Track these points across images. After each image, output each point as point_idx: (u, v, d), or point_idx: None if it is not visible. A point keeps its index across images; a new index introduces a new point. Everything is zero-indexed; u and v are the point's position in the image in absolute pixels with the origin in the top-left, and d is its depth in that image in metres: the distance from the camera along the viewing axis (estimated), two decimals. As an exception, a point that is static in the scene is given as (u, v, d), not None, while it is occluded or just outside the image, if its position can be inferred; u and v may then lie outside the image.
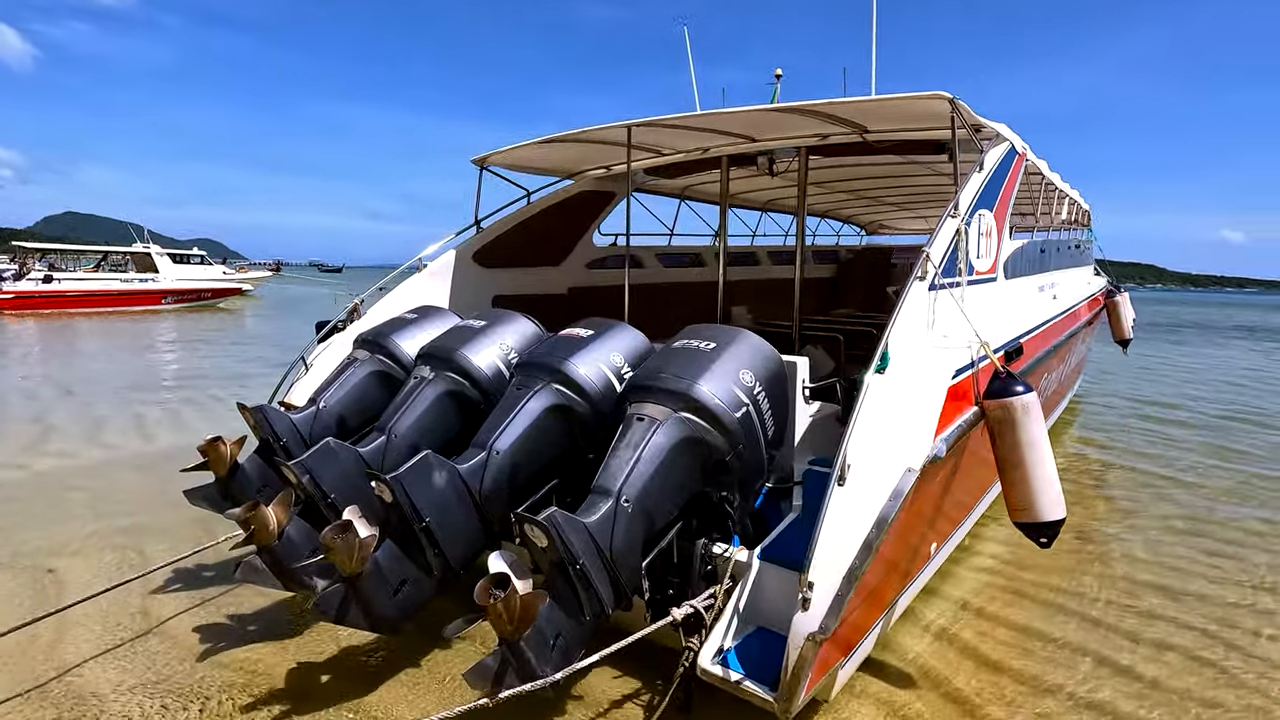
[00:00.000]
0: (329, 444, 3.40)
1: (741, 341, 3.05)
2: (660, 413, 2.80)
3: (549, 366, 3.32)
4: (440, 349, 3.81)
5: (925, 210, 11.47)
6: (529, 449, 3.20)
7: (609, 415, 3.32)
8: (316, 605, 2.68)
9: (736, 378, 2.89)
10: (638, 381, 2.94)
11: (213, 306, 28.19)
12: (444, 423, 3.71)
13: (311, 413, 4.00)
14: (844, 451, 2.47)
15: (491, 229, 5.99)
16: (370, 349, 4.27)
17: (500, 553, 2.42)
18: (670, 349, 3.07)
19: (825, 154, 5.72)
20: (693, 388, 2.80)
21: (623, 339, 3.55)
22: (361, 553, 2.62)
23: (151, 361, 12.98)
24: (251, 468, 3.84)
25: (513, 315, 4.07)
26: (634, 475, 2.66)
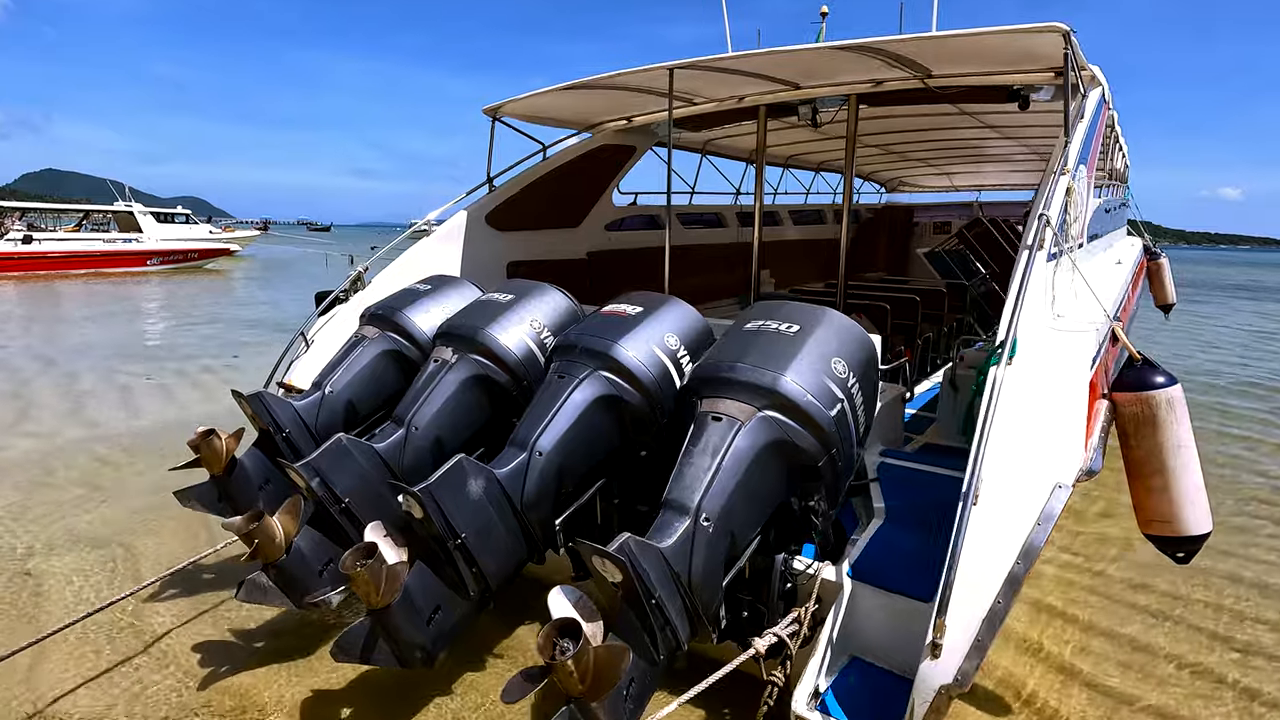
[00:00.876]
0: (341, 441, 2.94)
1: (829, 323, 2.57)
2: (741, 411, 2.35)
3: (595, 350, 2.85)
4: (462, 327, 3.33)
5: (953, 166, 10.89)
6: (577, 448, 2.75)
7: (666, 407, 2.87)
8: (336, 650, 2.26)
9: (828, 368, 2.43)
10: (710, 373, 2.47)
11: (200, 268, 27.38)
12: (470, 413, 3.25)
13: (317, 398, 3.53)
14: (976, 464, 2.02)
15: (505, 188, 5.44)
16: (380, 325, 3.78)
17: (563, 589, 2.00)
18: (743, 332, 2.59)
19: (877, 103, 5.15)
20: (779, 381, 2.34)
21: (675, 316, 3.07)
22: (390, 584, 2.19)
23: (138, 329, 12.40)
24: (251, 463, 3.38)
25: (541, 287, 3.57)
26: (714, 488, 2.22)
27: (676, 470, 2.29)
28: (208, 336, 11.53)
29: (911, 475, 3.28)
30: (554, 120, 5.75)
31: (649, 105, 5.55)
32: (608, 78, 4.43)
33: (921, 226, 11.84)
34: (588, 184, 6.18)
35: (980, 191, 12.37)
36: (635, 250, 6.86)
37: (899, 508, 2.93)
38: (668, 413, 2.89)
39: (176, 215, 30.18)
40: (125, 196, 30.05)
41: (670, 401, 2.89)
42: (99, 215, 28.62)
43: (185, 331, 12.06)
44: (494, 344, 3.24)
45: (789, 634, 2.42)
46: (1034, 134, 7.26)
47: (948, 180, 12.11)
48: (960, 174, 11.64)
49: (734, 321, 2.77)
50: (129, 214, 27.39)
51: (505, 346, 3.25)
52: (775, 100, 5.29)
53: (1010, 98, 4.46)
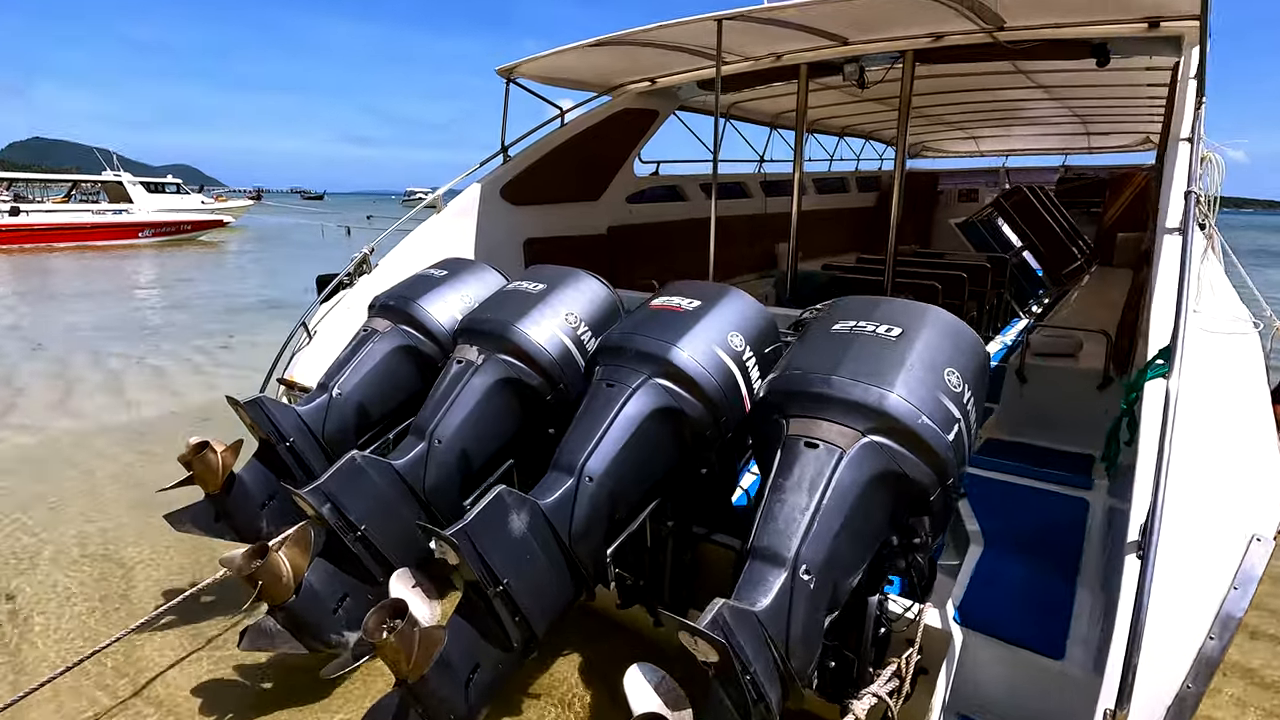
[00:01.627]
0: (355, 460, 2.55)
1: (936, 324, 2.15)
2: (842, 436, 1.94)
3: (650, 353, 2.43)
4: (489, 323, 2.91)
5: (981, 130, 10.32)
6: (630, 470, 2.36)
7: (731, 418, 2.47)
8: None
9: (941, 380, 2.02)
10: (798, 386, 2.06)
11: (193, 239, 26.74)
12: (500, 421, 2.85)
13: (323, 402, 3.14)
14: (1156, 509, 1.63)
15: (521, 158, 4.96)
16: (392, 317, 3.36)
17: (641, 669, 1.63)
18: (833, 335, 2.17)
19: (933, 60, 4.65)
20: (887, 399, 1.93)
21: (737, 311, 2.65)
22: (426, 650, 1.81)
23: (130, 306, 11.94)
24: (252, 478, 3.00)
25: (575, 275, 3.14)
26: (815, 532, 1.83)
27: (765, 510, 1.90)
28: (202, 314, 11.09)
29: (999, 488, 2.90)
30: (573, 82, 5.24)
31: (673, 64, 5.05)
32: (642, 32, 3.93)
33: (947, 194, 11.32)
34: (609, 153, 5.69)
35: (1007, 157, 11.81)
36: (658, 224, 6.40)
37: (997, 531, 2.55)
38: (733, 425, 2.49)
39: (168, 185, 29.43)
40: (114, 166, 29.27)
41: (735, 412, 2.49)
42: (88, 185, 27.89)
43: (179, 309, 11.61)
44: (525, 342, 2.82)
45: (888, 691, 2.06)
46: (1088, 94, 6.73)
47: (974, 145, 11.53)
48: (987, 138, 11.07)
49: (816, 320, 2.35)
50: (119, 184, 26.68)
51: (538, 344, 2.83)
52: (818, 58, 4.78)
53: (1095, 53, 3.96)
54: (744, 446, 2.70)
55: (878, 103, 7.51)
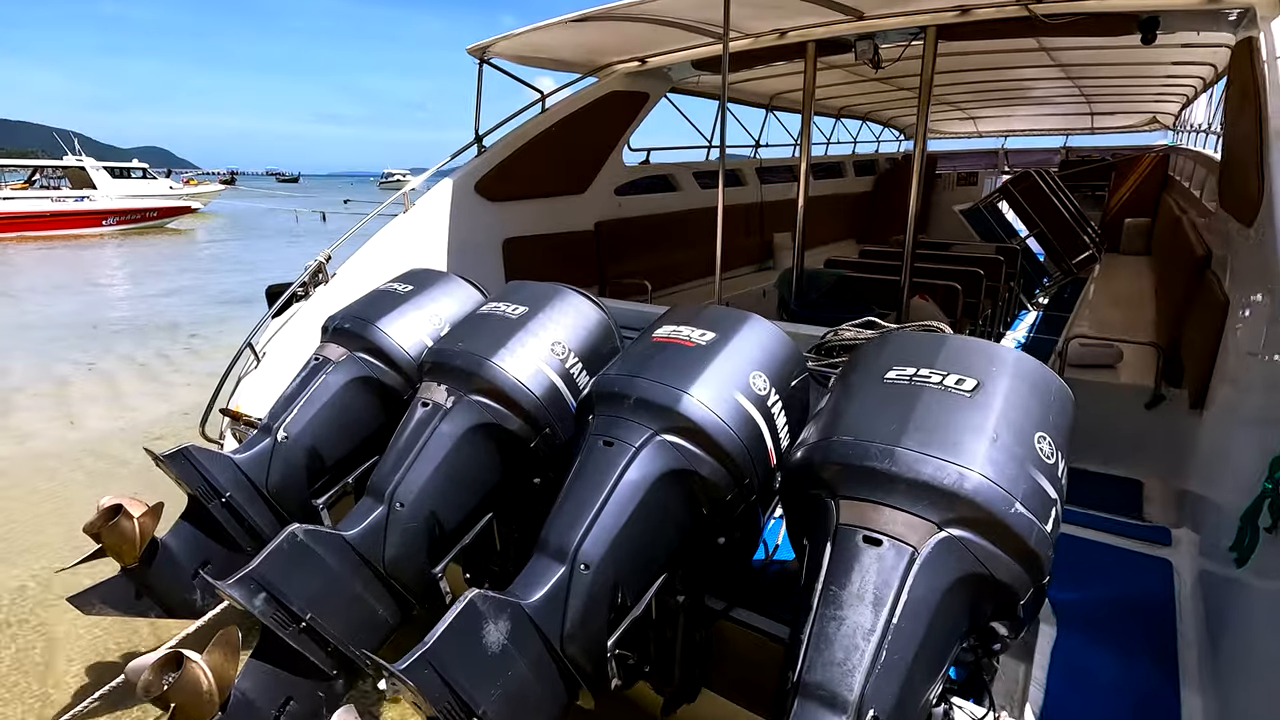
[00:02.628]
0: (295, 537, 2.09)
1: (1019, 375, 1.71)
2: (909, 529, 1.51)
3: (657, 404, 1.98)
4: (459, 357, 2.43)
5: (983, 110, 9.88)
6: (637, 551, 1.92)
7: (755, 481, 2.03)
8: None
9: (1034, 453, 1.59)
10: (852, 458, 1.62)
11: (160, 227, 25.74)
12: (475, 475, 2.40)
13: (266, 447, 2.66)
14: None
15: (497, 149, 4.44)
16: (348, 343, 2.87)
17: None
18: (887, 387, 1.73)
19: (956, 37, 4.18)
20: (967, 482, 1.49)
21: (759, 344, 2.20)
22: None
23: (86, 302, 11.25)
24: (179, 543, 2.53)
25: (562, 294, 2.66)
26: (884, 664, 1.41)
27: (816, 632, 1.47)
28: (164, 311, 10.45)
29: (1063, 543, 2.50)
30: (554, 62, 4.72)
31: (666, 42, 4.55)
32: (632, 6, 3.42)
33: (945, 178, 10.89)
34: (595, 140, 5.18)
35: (1006, 137, 11.39)
36: (649, 218, 5.91)
37: (1070, 605, 2.14)
38: (757, 485, 2.06)
39: (133, 170, 28.32)
40: (75, 150, 28.12)
41: (760, 468, 2.05)
42: (49, 171, 26.74)
43: (139, 305, 10.95)
44: (504, 380, 2.35)
45: (962, 832, 1.66)
46: (1103, 72, 6.30)
47: (972, 125, 11.10)
48: (987, 118, 10.64)
49: (861, 360, 1.91)
50: (81, 169, 25.59)
51: (519, 383, 2.36)
52: (829, 35, 4.30)
53: (1142, 28, 3.52)
54: (768, 500, 2.27)
55: (881, 82, 7.03)
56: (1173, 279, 4.17)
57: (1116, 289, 6.70)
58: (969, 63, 6.24)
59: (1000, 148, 11.41)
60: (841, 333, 2.81)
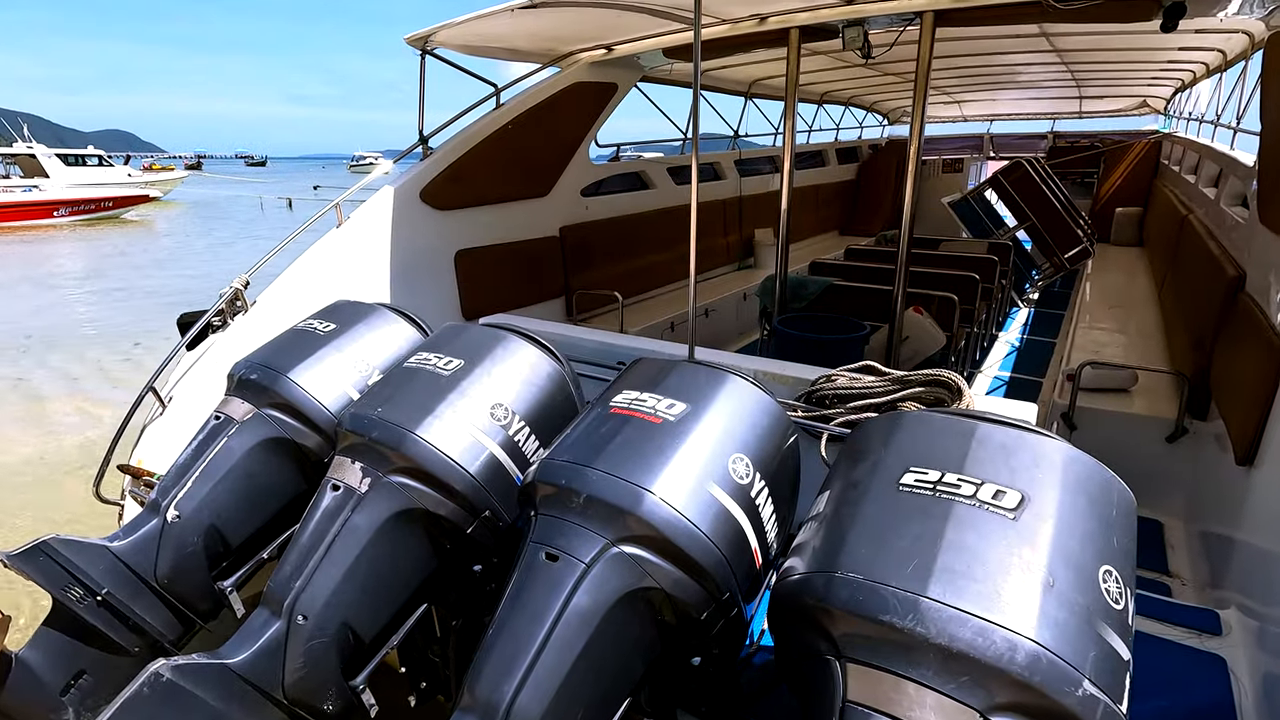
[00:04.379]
0: (159, 675, 1.65)
1: (1077, 483, 1.33)
2: (942, 713, 1.13)
3: (617, 508, 1.57)
4: (379, 427, 1.99)
5: (968, 94, 9.50)
6: (590, 691, 1.53)
7: (737, 596, 1.65)
8: None
9: (1101, 600, 1.21)
10: (863, 608, 1.22)
11: (117, 218, 24.67)
12: (399, 572, 1.98)
13: (153, 530, 2.22)
14: None
15: (445, 151, 3.96)
16: (254, 398, 2.42)
17: None
18: (904, 500, 1.34)
19: (953, 23, 3.77)
20: (1020, 651, 1.11)
21: (739, 416, 1.80)
22: None
23: (24, 306, 10.56)
24: (41, 656, 2.08)
25: (507, 342, 2.23)
26: None
27: None
28: (109, 315, 9.82)
29: None
30: (509, 51, 4.23)
31: (634, 28, 4.09)
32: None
33: (930, 164, 10.52)
34: (557, 138, 4.72)
35: (991, 122, 11.04)
36: (619, 219, 5.47)
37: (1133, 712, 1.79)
38: (740, 598, 1.67)
39: (88, 157, 27.13)
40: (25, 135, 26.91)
41: (743, 577, 1.66)
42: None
43: (82, 308, 10.30)
44: (431, 458, 1.93)
45: None
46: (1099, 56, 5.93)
47: (957, 110, 10.73)
48: (972, 102, 10.27)
49: (863, 451, 1.52)
50: (31, 157, 24.43)
51: (450, 461, 1.93)
52: (814, 20, 3.86)
53: (1168, 14, 3.13)
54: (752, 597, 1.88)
55: (867, 66, 6.61)
56: (1193, 296, 3.83)
57: (1112, 285, 6.40)
58: (959, 48, 5.85)
59: (986, 133, 11.07)
60: (836, 379, 2.42)
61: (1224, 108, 5.56)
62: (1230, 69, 5.43)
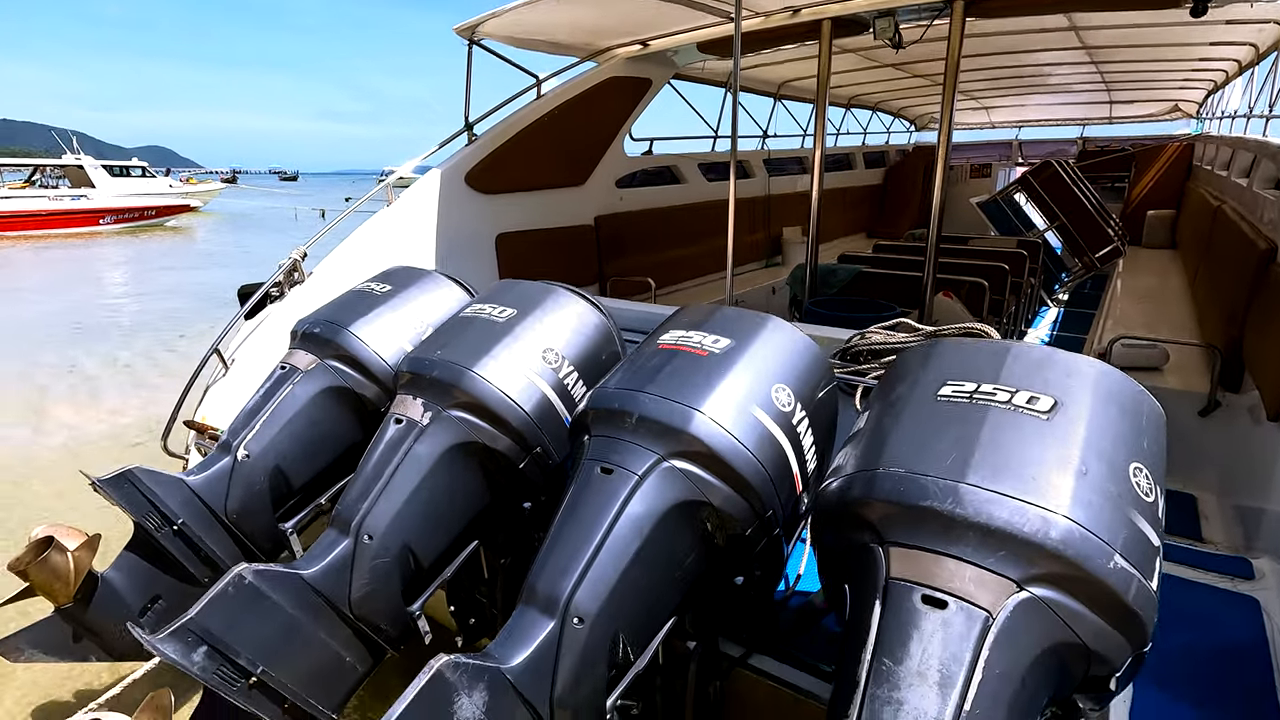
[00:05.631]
0: (243, 580, 1.79)
1: (1106, 392, 1.41)
2: (982, 589, 1.21)
3: (667, 426, 1.68)
4: (438, 367, 2.13)
5: (996, 99, 9.54)
6: (641, 597, 1.63)
7: (779, 514, 1.74)
8: None
9: (1133, 492, 1.28)
10: (907, 498, 1.32)
11: (159, 226, 25.52)
12: (456, 502, 2.10)
13: (225, 467, 2.38)
14: None
15: (490, 137, 4.14)
16: (318, 350, 2.58)
17: None
18: (941, 406, 1.43)
19: (986, 15, 3.87)
20: (1053, 530, 1.19)
21: (781, 352, 1.90)
22: None
23: (73, 302, 10.99)
24: (123, 577, 2.24)
25: (556, 295, 2.36)
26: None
27: (869, 713, 1.17)
28: (154, 311, 10.19)
29: None
30: (550, 44, 4.41)
31: (669, 22, 4.24)
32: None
33: (958, 169, 10.55)
34: (594, 129, 4.88)
35: (1020, 128, 11.05)
36: (652, 211, 5.61)
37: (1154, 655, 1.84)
38: (782, 517, 1.76)
39: (132, 168, 28.10)
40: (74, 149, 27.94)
41: (786, 498, 1.75)
42: (49, 170, 26.59)
43: (129, 305, 10.70)
44: (488, 394, 2.06)
45: None
46: (1131, 54, 5.97)
47: (985, 116, 10.76)
48: (1000, 108, 10.30)
49: (905, 369, 1.61)
50: (79, 168, 25.38)
51: (506, 397, 2.07)
52: (845, 12, 3.99)
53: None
54: (792, 530, 1.97)
55: (895, 68, 6.71)
56: (1225, 274, 3.85)
57: (1144, 284, 6.37)
58: (988, 45, 5.93)
59: (1014, 139, 11.07)
60: (870, 336, 2.51)
61: (1256, 100, 5.56)
62: (1262, 62, 5.44)
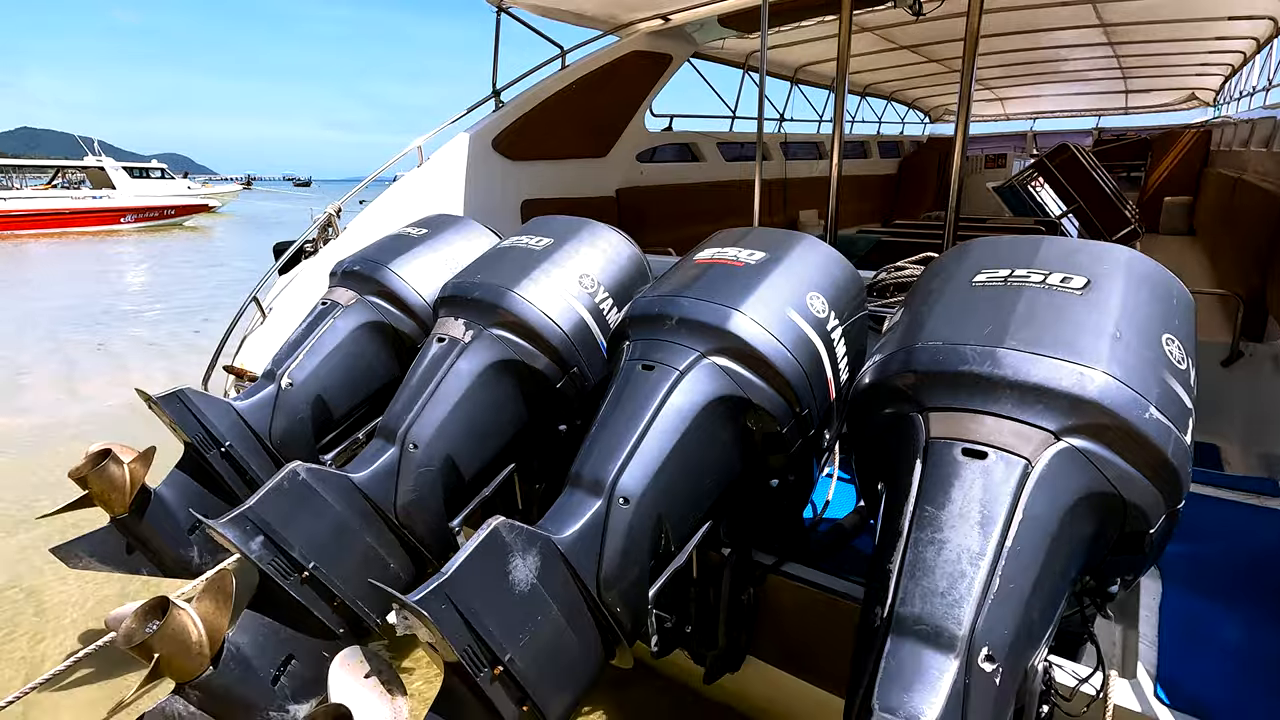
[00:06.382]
0: (297, 475, 1.87)
1: (1135, 272, 1.47)
2: (1020, 439, 1.26)
3: (702, 323, 1.75)
4: (479, 289, 2.21)
5: (1011, 90, 9.56)
6: (682, 485, 1.69)
7: (814, 413, 1.80)
8: None
9: (1165, 358, 1.34)
10: (942, 364, 1.37)
11: (178, 225, 25.90)
12: (496, 417, 2.17)
13: (269, 394, 2.45)
14: None
15: (515, 105, 4.23)
16: (358, 286, 2.67)
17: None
18: (978, 290, 1.48)
19: None
20: (1090, 383, 1.25)
21: (816, 265, 1.96)
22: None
23: (99, 290, 11.20)
24: (174, 494, 2.32)
25: (590, 227, 2.44)
26: (997, 596, 1.16)
27: (912, 559, 1.22)
28: (175, 300, 10.36)
29: None
30: (575, 15, 4.50)
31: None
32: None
33: (974, 159, 10.57)
34: (617, 102, 4.96)
35: (1035, 120, 11.06)
36: (672, 187, 5.68)
37: (1175, 559, 1.88)
38: (816, 420, 1.82)
39: (151, 170, 28.53)
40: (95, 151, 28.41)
41: (819, 401, 1.81)
42: (71, 172, 27.07)
43: (151, 294, 10.89)
44: (527, 313, 2.13)
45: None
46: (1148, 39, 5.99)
47: (1000, 108, 10.77)
48: (1015, 99, 10.32)
49: (932, 274, 1.66)
50: (100, 170, 25.81)
51: (545, 316, 2.14)
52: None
53: None
54: (821, 444, 2.02)
55: (910, 50, 6.76)
56: (1246, 230, 3.87)
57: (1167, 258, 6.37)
58: (1006, 23, 5.96)
59: (1029, 130, 11.08)
60: (899, 270, 2.56)
61: (1276, 72, 5.57)
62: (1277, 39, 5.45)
